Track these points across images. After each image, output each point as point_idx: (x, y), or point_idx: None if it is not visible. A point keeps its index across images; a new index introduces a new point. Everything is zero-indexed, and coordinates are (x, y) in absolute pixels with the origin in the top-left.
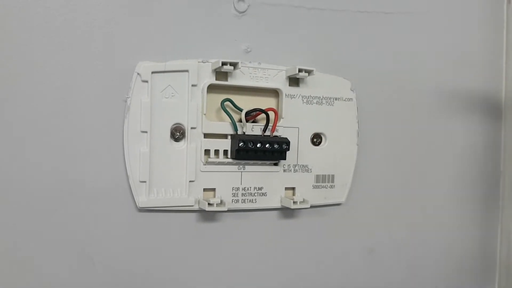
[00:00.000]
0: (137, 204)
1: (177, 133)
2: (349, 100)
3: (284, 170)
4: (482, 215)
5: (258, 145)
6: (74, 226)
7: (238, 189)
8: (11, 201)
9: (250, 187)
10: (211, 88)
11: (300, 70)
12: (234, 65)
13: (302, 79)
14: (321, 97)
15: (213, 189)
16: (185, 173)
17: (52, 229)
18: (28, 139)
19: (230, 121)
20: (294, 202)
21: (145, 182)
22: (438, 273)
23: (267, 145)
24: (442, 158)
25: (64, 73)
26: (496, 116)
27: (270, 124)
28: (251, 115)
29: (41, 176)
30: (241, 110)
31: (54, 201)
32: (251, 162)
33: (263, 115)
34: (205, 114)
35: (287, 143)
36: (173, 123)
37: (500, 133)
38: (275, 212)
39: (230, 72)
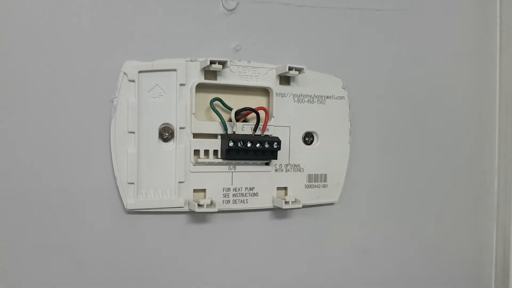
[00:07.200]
0: (125, 206)
1: (166, 133)
2: (341, 98)
3: (276, 170)
4: (477, 212)
5: (249, 144)
6: (62, 229)
7: (229, 189)
8: None
9: (241, 188)
10: (200, 87)
11: (290, 68)
12: (223, 63)
13: (293, 77)
14: (313, 96)
15: (204, 190)
16: (174, 174)
17: (39, 232)
18: (13, 141)
19: (220, 121)
20: (286, 202)
21: (133, 183)
22: (433, 272)
23: (257, 145)
24: (435, 155)
25: (49, 74)
26: (489, 114)
27: (261, 124)
28: (241, 115)
29: (27, 178)
30: (230, 109)
31: (40, 204)
32: (242, 162)
33: (253, 114)
34: (194, 114)
35: (278, 142)
36: (161, 123)
37: (494, 130)
38: (267, 213)
39: (219, 71)
